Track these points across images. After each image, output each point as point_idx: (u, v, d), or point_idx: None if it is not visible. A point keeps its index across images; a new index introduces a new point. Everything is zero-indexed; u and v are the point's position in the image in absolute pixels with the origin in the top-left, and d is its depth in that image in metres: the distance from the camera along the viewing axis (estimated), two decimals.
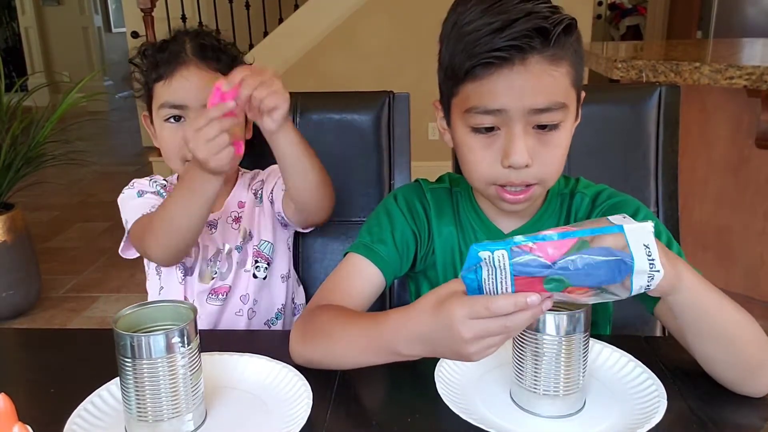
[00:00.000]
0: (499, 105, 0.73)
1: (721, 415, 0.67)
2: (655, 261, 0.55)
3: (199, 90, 0.98)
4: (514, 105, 0.72)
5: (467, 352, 0.61)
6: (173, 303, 0.67)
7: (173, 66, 0.99)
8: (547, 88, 0.72)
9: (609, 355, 0.77)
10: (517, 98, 0.72)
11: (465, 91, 0.75)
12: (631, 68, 2.05)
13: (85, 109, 4.00)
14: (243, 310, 1.09)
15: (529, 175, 0.76)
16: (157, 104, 1.00)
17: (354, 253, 0.86)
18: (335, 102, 1.22)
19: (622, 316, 1.12)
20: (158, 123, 1.02)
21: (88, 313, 2.56)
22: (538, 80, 0.72)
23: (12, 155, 2.42)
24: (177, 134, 1.00)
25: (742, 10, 4.11)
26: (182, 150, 1.00)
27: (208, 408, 0.69)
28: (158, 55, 1.00)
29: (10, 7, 7.32)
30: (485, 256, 0.57)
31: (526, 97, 0.72)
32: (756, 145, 2.14)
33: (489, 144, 0.76)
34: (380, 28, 3.83)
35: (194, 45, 1.01)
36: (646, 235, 0.55)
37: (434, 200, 0.90)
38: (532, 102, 0.72)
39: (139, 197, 1.05)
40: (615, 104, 1.19)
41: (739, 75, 1.87)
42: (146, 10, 3.71)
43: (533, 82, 0.71)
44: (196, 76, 0.99)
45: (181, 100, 0.99)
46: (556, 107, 0.73)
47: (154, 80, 1.00)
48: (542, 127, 0.74)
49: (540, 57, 0.71)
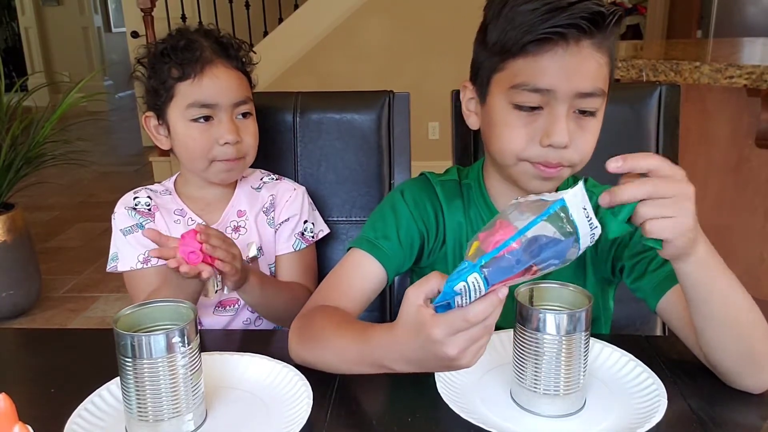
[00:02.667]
0: (548, 85, 0.74)
1: (721, 414, 0.67)
2: (592, 219, 0.57)
3: (229, 88, 0.99)
4: (562, 86, 0.74)
5: (459, 365, 0.62)
6: (173, 303, 0.67)
7: (201, 65, 0.97)
8: (593, 73, 0.75)
9: (609, 354, 0.77)
10: (566, 79, 0.74)
11: (514, 67, 0.76)
12: (631, 67, 2.05)
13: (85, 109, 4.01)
14: (251, 319, 1.09)
15: (565, 157, 0.77)
16: (183, 104, 0.98)
17: (357, 249, 0.86)
18: (335, 102, 1.22)
19: (623, 315, 1.12)
20: (183, 123, 0.99)
21: (88, 313, 2.56)
22: (588, 64, 0.74)
23: (12, 155, 2.42)
24: (206, 134, 0.98)
25: (742, 10, 4.11)
26: (211, 151, 0.99)
27: (209, 408, 0.69)
28: (182, 53, 0.97)
29: (10, 7, 7.33)
30: (460, 288, 0.57)
31: (575, 79, 0.74)
32: (756, 145, 2.14)
33: (530, 122, 0.77)
34: (380, 28, 3.83)
35: (213, 43, 1.00)
36: (582, 196, 0.57)
37: (444, 193, 0.91)
38: (580, 85, 0.74)
39: (126, 237, 1.03)
40: (615, 103, 1.17)
41: (739, 74, 1.87)
42: (146, 10, 3.71)
43: (584, 65, 0.74)
44: (225, 74, 0.99)
45: (213, 99, 0.98)
46: (598, 93, 0.76)
47: (177, 79, 0.97)
48: (582, 112, 0.77)
49: (591, 42, 0.73)
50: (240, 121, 1.01)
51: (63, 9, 7.15)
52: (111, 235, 1.05)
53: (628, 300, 1.10)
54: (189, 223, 1.05)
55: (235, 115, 1.00)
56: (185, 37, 1.00)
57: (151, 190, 1.08)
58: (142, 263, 1.02)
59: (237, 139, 0.99)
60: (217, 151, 0.99)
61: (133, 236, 1.03)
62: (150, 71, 1.01)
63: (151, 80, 1.01)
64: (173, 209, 1.06)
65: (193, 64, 0.97)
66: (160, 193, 1.08)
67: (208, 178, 1.04)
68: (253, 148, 1.03)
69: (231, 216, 1.08)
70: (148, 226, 1.03)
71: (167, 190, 1.09)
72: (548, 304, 0.70)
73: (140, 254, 1.02)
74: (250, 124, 1.03)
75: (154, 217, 1.05)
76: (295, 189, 1.11)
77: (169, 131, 1.02)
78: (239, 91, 1.00)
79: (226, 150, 0.99)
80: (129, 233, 1.03)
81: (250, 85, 1.05)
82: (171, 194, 1.08)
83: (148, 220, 1.04)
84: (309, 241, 1.10)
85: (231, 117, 0.99)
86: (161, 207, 1.06)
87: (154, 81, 1.00)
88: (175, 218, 1.06)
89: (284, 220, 1.08)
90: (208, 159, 1.00)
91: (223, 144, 0.98)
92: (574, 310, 0.65)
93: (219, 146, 0.99)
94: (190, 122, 0.98)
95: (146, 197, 1.06)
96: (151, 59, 1.01)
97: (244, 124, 1.02)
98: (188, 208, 1.07)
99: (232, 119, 1.00)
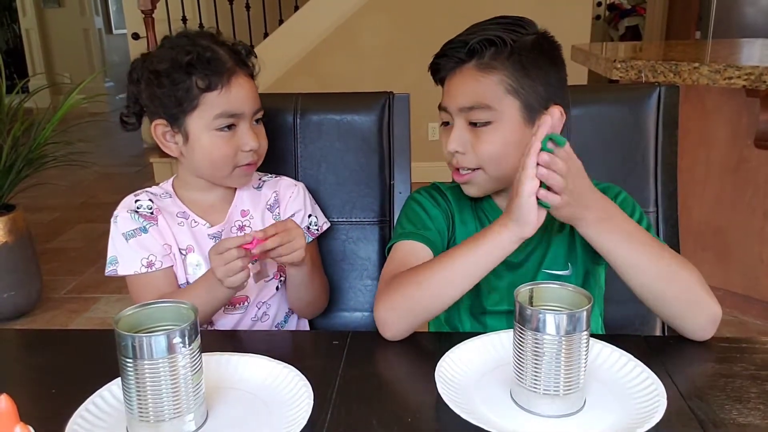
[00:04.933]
0: (445, 103, 0.93)
1: (720, 415, 0.68)
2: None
3: (251, 98, 1.02)
4: (450, 103, 0.91)
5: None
6: (174, 303, 0.68)
7: (228, 76, 0.98)
8: (474, 91, 0.89)
9: (609, 354, 0.77)
10: (452, 98, 0.91)
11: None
12: (630, 68, 2.06)
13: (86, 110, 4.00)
14: (257, 315, 1.10)
15: (465, 161, 0.91)
16: (210, 114, 0.98)
17: (403, 241, 0.94)
18: (335, 103, 1.22)
19: (623, 315, 1.12)
20: (207, 134, 0.99)
21: (89, 313, 2.56)
22: (467, 84, 0.89)
23: (13, 157, 2.42)
24: (231, 142, 1.00)
25: (741, 11, 4.11)
26: (236, 157, 1.01)
27: (210, 408, 0.69)
28: (210, 66, 0.97)
29: (11, 8, 7.33)
30: None
31: (458, 98, 0.90)
32: (755, 145, 2.14)
33: (446, 134, 0.94)
34: (380, 28, 3.83)
35: (229, 52, 1.01)
36: None
37: (454, 197, 1.00)
38: (460, 101, 0.90)
39: (128, 241, 1.03)
40: (614, 104, 1.19)
41: (738, 75, 1.87)
42: (147, 11, 3.71)
43: (463, 86, 0.90)
44: (247, 83, 1.01)
45: (239, 109, 0.99)
46: (480, 107, 0.88)
47: (204, 90, 0.97)
48: (473, 123, 0.90)
49: (471, 66, 0.89)
50: (255, 126, 1.04)
51: (64, 11, 7.15)
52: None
53: (628, 300, 1.10)
54: (192, 226, 1.05)
55: (253, 122, 1.03)
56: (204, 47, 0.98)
57: (151, 193, 1.08)
58: (146, 267, 1.02)
59: (257, 145, 1.02)
60: (240, 157, 1.01)
61: (136, 240, 1.03)
62: (166, 80, 0.98)
63: (164, 89, 0.98)
64: (175, 212, 1.06)
65: (219, 76, 0.98)
66: (160, 196, 1.08)
67: (228, 184, 1.07)
68: (265, 151, 1.06)
69: (235, 216, 1.08)
70: (151, 230, 1.03)
71: (167, 193, 1.09)
72: (548, 304, 0.70)
73: (143, 258, 1.02)
74: (262, 129, 1.06)
75: (157, 220, 1.05)
76: (296, 185, 1.13)
77: (187, 139, 1.00)
78: (257, 98, 1.03)
79: (248, 156, 1.02)
80: (132, 237, 1.03)
81: None
82: (171, 197, 1.08)
83: (152, 223, 1.04)
84: (314, 235, 1.13)
85: (251, 124, 1.02)
86: (163, 210, 1.06)
87: (172, 90, 0.98)
88: (178, 221, 1.06)
89: (290, 215, 1.10)
90: (232, 165, 1.02)
91: (247, 150, 1.01)
92: (574, 310, 0.66)
93: (243, 152, 1.01)
94: (216, 131, 0.99)
95: (148, 200, 1.06)
96: (169, 69, 0.98)
97: (258, 129, 1.04)
98: (190, 210, 1.07)
99: (252, 126, 1.02)
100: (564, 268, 0.96)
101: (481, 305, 0.97)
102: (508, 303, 0.95)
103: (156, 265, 1.02)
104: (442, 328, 1.02)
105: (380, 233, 1.19)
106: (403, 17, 3.81)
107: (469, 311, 0.98)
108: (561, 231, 0.96)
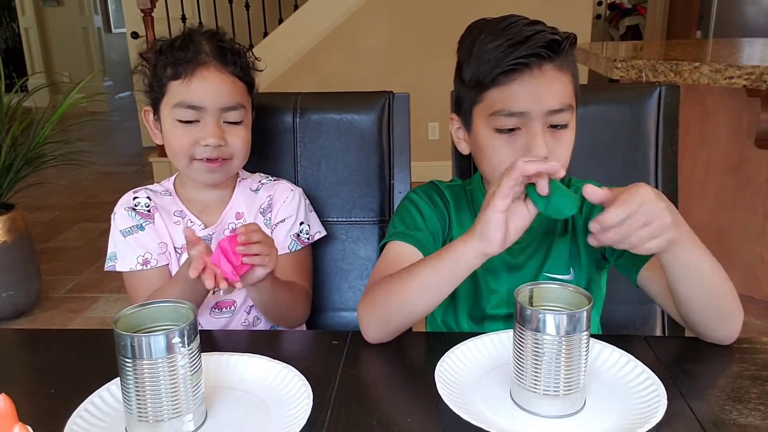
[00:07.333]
0: (522, 108, 0.84)
1: (720, 415, 0.67)
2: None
3: (218, 93, 0.98)
4: (534, 107, 0.84)
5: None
6: (173, 303, 0.68)
7: (193, 66, 0.97)
8: (559, 92, 0.84)
9: (609, 354, 0.77)
10: (536, 101, 0.83)
11: (490, 97, 0.86)
12: (630, 68, 2.05)
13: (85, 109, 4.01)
14: (248, 320, 1.09)
15: None
16: (172, 102, 0.98)
17: (394, 242, 0.93)
18: (335, 102, 1.22)
19: (623, 315, 1.12)
20: (169, 121, 1.00)
21: (89, 313, 2.56)
22: (552, 85, 0.84)
23: (12, 156, 2.42)
24: (188, 134, 0.98)
25: (742, 10, 4.11)
26: (191, 149, 0.99)
27: (209, 408, 0.69)
28: (178, 53, 0.98)
29: (10, 7, 7.32)
30: None
31: (544, 99, 0.84)
32: (755, 145, 2.14)
33: (511, 142, 0.86)
34: (380, 28, 3.83)
35: (213, 46, 1.00)
36: None
37: (452, 196, 0.99)
38: (549, 104, 0.84)
39: (125, 238, 1.03)
40: (615, 104, 1.19)
41: (739, 75, 1.87)
42: (146, 10, 3.71)
43: (549, 87, 0.84)
44: (217, 78, 0.98)
45: (199, 101, 0.97)
46: (566, 108, 0.85)
47: (170, 78, 0.98)
48: (554, 126, 0.85)
49: (552, 65, 0.84)
50: (228, 125, 1.00)
51: (63, 9, 7.15)
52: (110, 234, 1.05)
53: (628, 300, 1.10)
54: (188, 225, 1.05)
55: (223, 120, 1.00)
56: (186, 37, 1.00)
57: (150, 190, 1.08)
58: (141, 264, 1.02)
59: (220, 142, 0.98)
60: (197, 149, 0.99)
61: (133, 237, 1.03)
62: (150, 67, 1.02)
63: (148, 76, 1.02)
64: (173, 210, 1.06)
65: (185, 65, 0.97)
66: (160, 193, 1.08)
67: (192, 177, 1.04)
68: (241, 152, 1.02)
69: (229, 218, 1.07)
70: (147, 228, 1.03)
71: (167, 190, 1.09)
72: (548, 304, 0.70)
73: (139, 255, 1.02)
74: (240, 129, 1.02)
75: (154, 218, 1.05)
76: (292, 190, 1.10)
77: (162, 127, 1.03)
78: (229, 96, 0.99)
79: (206, 150, 0.99)
80: (129, 234, 1.03)
81: (248, 93, 1.04)
82: (171, 195, 1.08)
83: (148, 221, 1.04)
84: (304, 243, 1.09)
85: (217, 121, 0.99)
86: (161, 208, 1.06)
87: (151, 77, 1.01)
88: (174, 219, 1.06)
89: (280, 220, 1.08)
90: (189, 157, 1.00)
91: (204, 145, 0.98)
92: (574, 311, 0.65)
93: (200, 146, 0.99)
94: (176, 121, 0.99)
95: (146, 198, 1.06)
96: (153, 55, 1.01)
97: (233, 129, 1.01)
98: (187, 209, 1.07)
99: (218, 123, 0.99)
100: (566, 272, 0.94)
101: (480, 309, 0.96)
102: (508, 306, 0.94)
103: (151, 263, 1.02)
104: None
105: (380, 233, 1.19)
106: (403, 17, 3.81)
107: (468, 315, 0.97)
108: (563, 235, 0.95)
